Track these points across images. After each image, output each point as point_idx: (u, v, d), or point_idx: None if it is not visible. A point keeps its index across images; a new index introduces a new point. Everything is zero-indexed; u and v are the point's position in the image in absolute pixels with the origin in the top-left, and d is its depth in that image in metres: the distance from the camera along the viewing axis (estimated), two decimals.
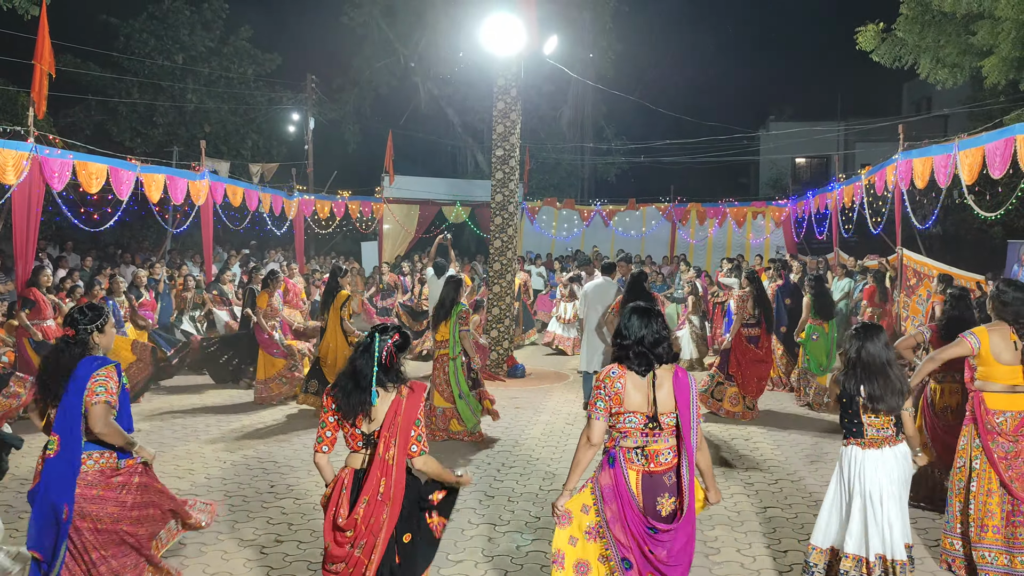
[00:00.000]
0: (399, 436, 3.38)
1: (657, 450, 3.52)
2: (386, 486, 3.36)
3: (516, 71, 11.95)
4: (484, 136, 27.92)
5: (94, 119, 22.70)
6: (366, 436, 3.46)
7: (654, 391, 3.50)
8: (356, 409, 3.41)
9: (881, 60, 15.72)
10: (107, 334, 4.14)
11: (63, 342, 4.06)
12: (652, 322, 3.57)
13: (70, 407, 3.85)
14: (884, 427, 4.17)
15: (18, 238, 9.13)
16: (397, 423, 3.39)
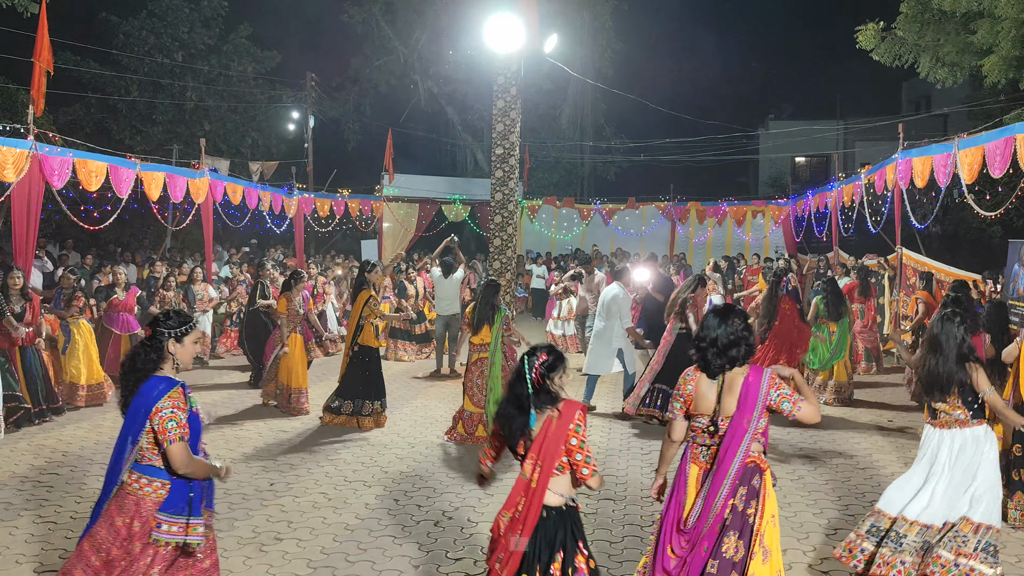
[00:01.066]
0: (543, 459, 3.32)
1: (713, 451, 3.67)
2: (524, 506, 3.33)
3: (516, 69, 11.95)
4: (484, 134, 27.92)
5: (94, 117, 22.69)
6: (523, 458, 3.41)
7: (720, 393, 3.57)
8: (517, 435, 3.39)
9: (881, 59, 15.71)
10: (186, 347, 3.61)
11: (141, 344, 3.61)
12: (729, 322, 3.58)
13: (130, 421, 3.46)
14: (951, 411, 4.47)
15: (18, 236, 9.13)
16: (545, 445, 3.33)
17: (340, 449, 7.63)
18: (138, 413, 3.41)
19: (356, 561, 5.01)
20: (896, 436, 8.16)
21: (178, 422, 3.40)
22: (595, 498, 6.19)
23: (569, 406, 3.36)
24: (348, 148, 29.08)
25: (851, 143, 31.31)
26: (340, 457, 7.35)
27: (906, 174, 11.65)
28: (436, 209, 22.32)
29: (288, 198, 17.33)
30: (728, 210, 22.00)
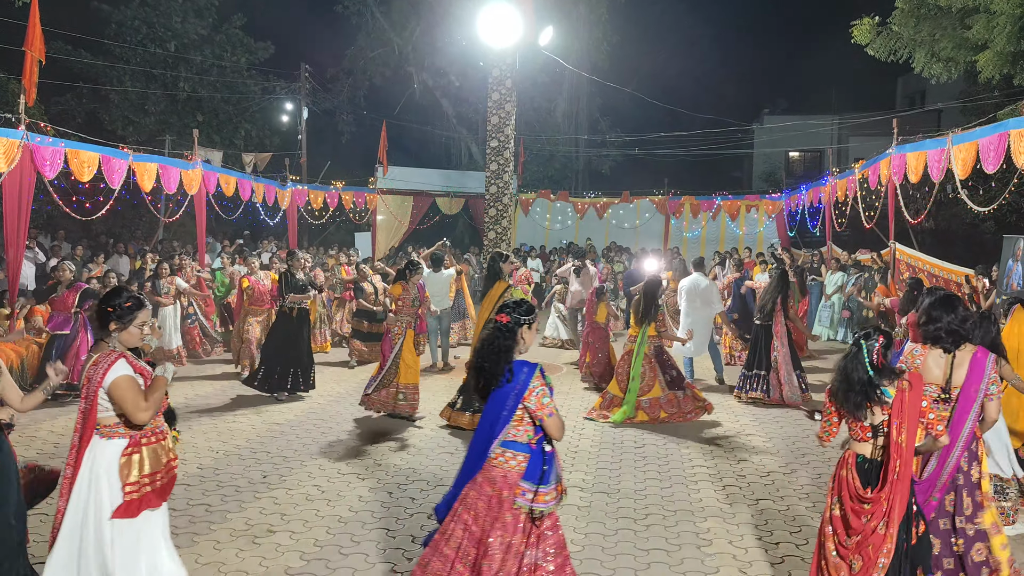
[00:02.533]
0: (907, 423, 3.71)
1: (942, 417, 4.07)
2: (901, 466, 3.69)
3: (511, 62, 11.89)
4: (478, 127, 27.88)
5: (86, 107, 22.57)
6: (874, 427, 3.76)
7: (952, 368, 4.10)
8: (859, 408, 3.73)
9: (876, 54, 15.72)
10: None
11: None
12: (956, 311, 4.16)
13: (499, 405, 3.76)
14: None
15: (9, 226, 9.07)
16: (904, 412, 3.71)
17: (334, 442, 7.62)
18: (508, 396, 3.68)
19: (349, 554, 5.01)
20: None
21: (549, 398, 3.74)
22: (589, 491, 6.19)
23: (917, 378, 3.78)
24: (342, 140, 29.00)
25: (845, 138, 31.36)
26: (334, 450, 7.34)
27: (900, 169, 11.66)
28: (430, 202, 22.29)
29: (281, 190, 17.28)
30: (722, 204, 22.03)
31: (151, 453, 3.72)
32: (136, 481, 3.63)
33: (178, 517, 5.57)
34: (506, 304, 3.87)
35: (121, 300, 3.79)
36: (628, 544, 5.19)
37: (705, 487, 6.31)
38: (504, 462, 3.71)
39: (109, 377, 3.63)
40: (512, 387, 3.67)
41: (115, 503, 3.60)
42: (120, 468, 3.63)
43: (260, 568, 4.80)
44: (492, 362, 3.72)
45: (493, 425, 3.70)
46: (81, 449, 3.67)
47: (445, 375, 11.17)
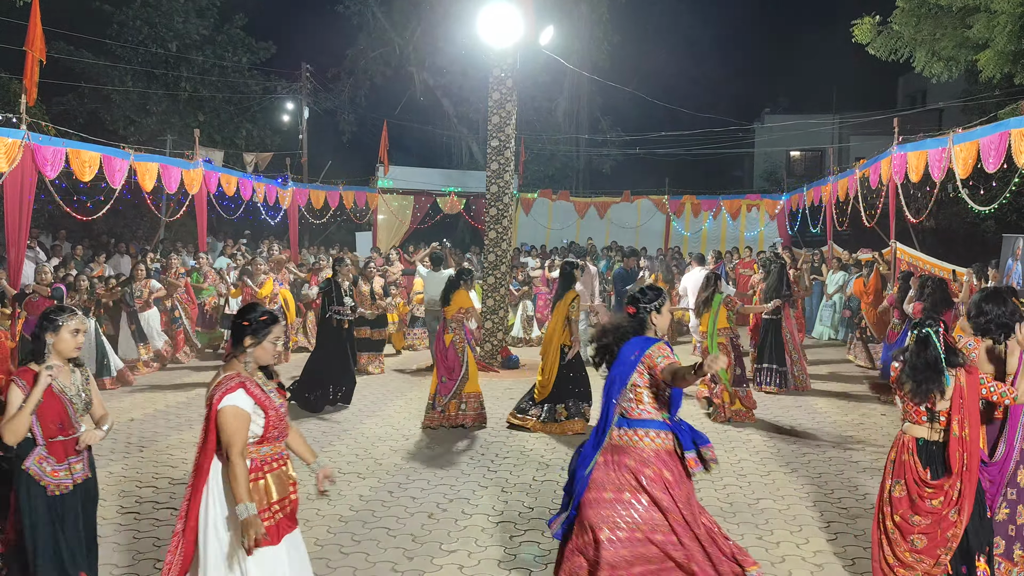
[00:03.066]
0: (969, 417, 3.86)
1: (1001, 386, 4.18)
2: (968, 459, 3.84)
3: (512, 62, 11.91)
4: (479, 126, 27.86)
5: (87, 107, 22.58)
6: (931, 412, 3.97)
7: (1005, 356, 4.20)
8: (928, 393, 3.92)
9: (877, 53, 15.72)
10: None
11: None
12: (1008, 301, 4.29)
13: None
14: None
15: (10, 226, 9.07)
16: (964, 405, 3.85)
17: (334, 441, 7.63)
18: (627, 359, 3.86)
19: (350, 553, 5.02)
20: (890, 430, 8.18)
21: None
22: None
23: (972, 370, 3.94)
24: (343, 140, 29.00)
25: (846, 137, 31.33)
26: (334, 449, 7.35)
27: (901, 169, 11.66)
28: (431, 201, 22.28)
29: (282, 189, 17.29)
30: (723, 204, 22.01)
31: (276, 479, 3.50)
32: (267, 508, 3.42)
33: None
34: (633, 296, 4.05)
35: (257, 314, 3.57)
36: None
37: (705, 486, 6.31)
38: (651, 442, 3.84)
39: (224, 402, 3.39)
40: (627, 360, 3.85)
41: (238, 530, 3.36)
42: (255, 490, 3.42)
43: None
44: (616, 343, 3.95)
45: (608, 398, 3.90)
46: (202, 470, 3.45)
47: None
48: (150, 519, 5.55)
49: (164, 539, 5.19)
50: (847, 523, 5.54)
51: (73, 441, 3.86)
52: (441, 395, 8.07)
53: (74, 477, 3.86)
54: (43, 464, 3.79)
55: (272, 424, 3.49)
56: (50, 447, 3.81)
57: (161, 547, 5.07)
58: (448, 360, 8.11)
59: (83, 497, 3.92)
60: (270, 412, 3.48)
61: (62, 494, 3.81)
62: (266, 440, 3.49)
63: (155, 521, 5.52)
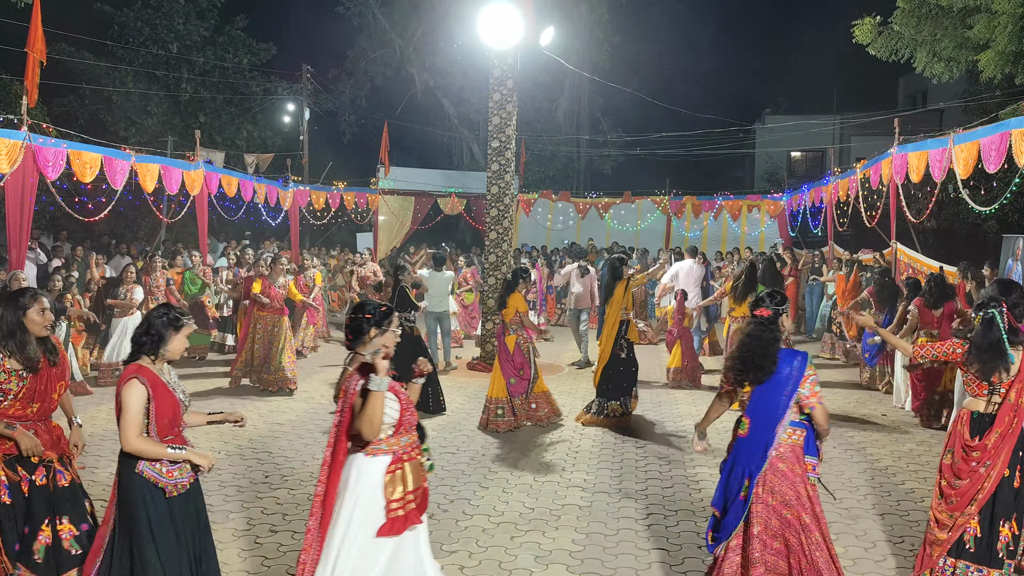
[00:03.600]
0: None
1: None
2: (1017, 423, 4.12)
3: (512, 62, 11.90)
4: (480, 127, 27.89)
5: (88, 108, 22.60)
6: (992, 386, 4.21)
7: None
8: (993, 371, 4.17)
9: (877, 53, 15.71)
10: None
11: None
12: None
13: (780, 387, 3.94)
14: None
15: (11, 227, 9.09)
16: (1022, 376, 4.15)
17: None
18: (788, 380, 3.91)
19: None
20: (889, 431, 8.18)
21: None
22: (590, 492, 6.20)
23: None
24: (344, 141, 29.03)
25: (847, 138, 31.34)
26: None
27: (901, 169, 11.65)
28: (432, 202, 22.28)
29: (283, 190, 17.30)
30: (724, 204, 22.01)
31: (413, 468, 3.58)
32: (400, 498, 3.50)
33: None
34: (760, 298, 4.10)
35: (375, 306, 3.73)
36: (629, 544, 5.20)
37: (706, 487, 6.32)
38: (787, 437, 3.94)
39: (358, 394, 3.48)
40: (787, 375, 3.89)
41: (379, 522, 3.47)
42: (384, 486, 3.49)
43: (262, 568, 4.82)
44: (761, 355, 3.93)
45: (773, 413, 3.90)
46: (336, 465, 3.52)
47: (446, 376, 11.14)
48: None
49: None
50: (848, 524, 5.54)
51: (181, 440, 3.73)
52: (513, 396, 8.09)
53: (186, 478, 3.70)
54: (157, 465, 3.61)
55: (405, 410, 3.59)
56: None
57: None
58: (516, 362, 8.16)
59: (196, 499, 3.80)
60: (402, 397, 3.60)
61: (179, 494, 3.66)
62: (401, 429, 3.58)
63: None
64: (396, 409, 3.55)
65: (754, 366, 3.93)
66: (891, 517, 5.66)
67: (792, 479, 3.88)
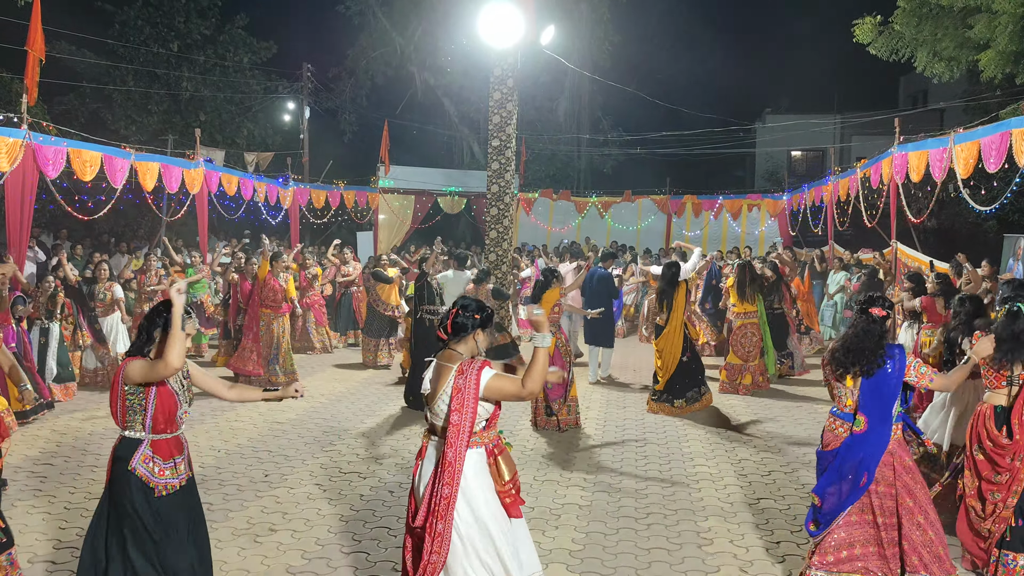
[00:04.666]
0: None
1: None
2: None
3: (513, 61, 11.91)
4: (480, 126, 27.88)
5: (88, 106, 22.60)
6: (1010, 377, 4.46)
7: None
8: (1012, 361, 4.44)
9: (878, 53, 15.71)
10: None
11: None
12: None
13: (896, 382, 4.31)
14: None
15: (11, 225, 9.08)
16: None
17: (335, 440, 7.63)
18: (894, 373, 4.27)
19: (350, 552, 5.02)
20: None
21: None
22: (590, 490, 6.20)
23: None
24: (344, 139, 29.01)
25: (847, 137, 31.31)
26: (335, 448, 7.35)
27: (902, 168, 11.65)
28: (432, 201, 22.28)
29: (283, 189, 17.29)
30: (724, 204, 22.00)
31: (505, 459, 3.64)
32: (504, 484, 3.57)
33: None
34: (874, 298, 4.43)
35: (484, 308, 3.74)
36: (629, 543, 5.20)
37: (706, 486, 6.32)
38: (893, 433, 4.30)
39: (483, 375, 3.49)
40: (892, 368, 4.25)
41: (493, 506, 3.53)
42: (491, 473, 3.58)
43: (262, 567, 4.82)
44: (872, 347, 4.26)
45: (887, 405, 4.26)
46: (457, 463, 3.50)
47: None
48: None
49: None
50: None
51: (176, 439, 3.72)
52: (552, 400, 8.04)
53: (180, 478, 3.71)
54: (150, 464, 3.62)
55: (498, 405, 3.63)
56: (155, 445, 3.65)
57: None
58: (555, 364, 8.00)
59: (189, 498, 3.78)
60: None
61: (170, 494, 3.65)
62: (492, 423, 3.63)
63: None
64: (488, 408, 3.59)
65: (863, 356, 4.25)
66: None
67: (899, 470, 4.27)
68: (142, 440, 3.64)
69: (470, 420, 3.49)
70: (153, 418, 3.63)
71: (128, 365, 3.60)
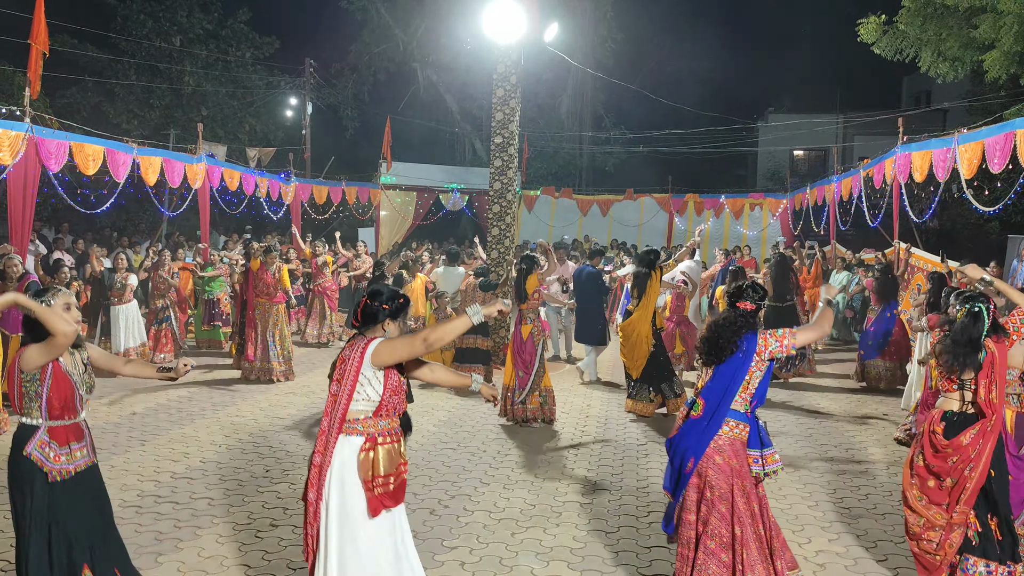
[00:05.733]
0: (997, 380, 4.14)
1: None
2: (996, 420, 4.10)
3: (516, 58, 11.87)
4: (483, 123, 27.85)
5: (91, 100, 22.58)
6: (961, 383, 4.23)
7: None
8: (964, 365, 4.17)
9: (882, 53, 15.68)
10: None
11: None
12: None
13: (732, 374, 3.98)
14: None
15: (14, 219, 9.08)
16: (994, 368, 4.13)
17: None
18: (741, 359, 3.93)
19: None
20: (892, 430, 8.17)
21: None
22: (591, 488, 6.19)
23: (1002, 343, 4.21)
24: (346, 135, 28.99)
25: (850, 137, 31.26)
26: None
27: (905, 168, 11.63)
28: (434, 198, 22.26)
29: (285, 185, 17.28)
30: (726, 203, 21.99)
31: (386, 454, 3.56)
32: (370, 479, 3.50)
33: (181, 510, 5.59)
34: (743, 289, 4.06)
35: (397, 296, 3.69)
36: (630, 541, 5.19)
37: None
38: (728, 430, 3.93)
39: (372, 344, 3.51)
40: (742, 356, 3.91)
41: (355, 501, 3.49)
42: (360, 465, 3.50)
43: (263, 562, 4.81)
44: (728, 340, 3.93)
45: (725, 392, 3.91)
46: (332, 439, 3.53)
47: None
48: (152, 513, 5.55)
49: (166, 533, 5.19)
50: (849, 523, 5.53)
51: (75, 426, 3.75)
52: (520, 389, 8.08)
53: (75, 464, 3.73)
54: (46, 449, 3.65)
55: (393, 392, 3.57)
56: (52, 431, 3.68)
57: (163, 541, 5.08)
58: (525, 353, 8.13)
59: (89, 485, 3.80)
60: (391, 380, 3.57)
61: (64, 480, 3.68)
62: (382, 411, 3.57)
63: (157, 515, 5.51)
64: (378, 391, 3.55)
65: (718, 349, 3.94)
66: (892, 517, 5.65)
67: (728, 473, 3.85)
68: (39, 426, 3.68)
69: (348, 391, 3.51)
70: (49, 404, 3.67)
71: (24, 351, 3.65)
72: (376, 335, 3.64)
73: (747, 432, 3.97)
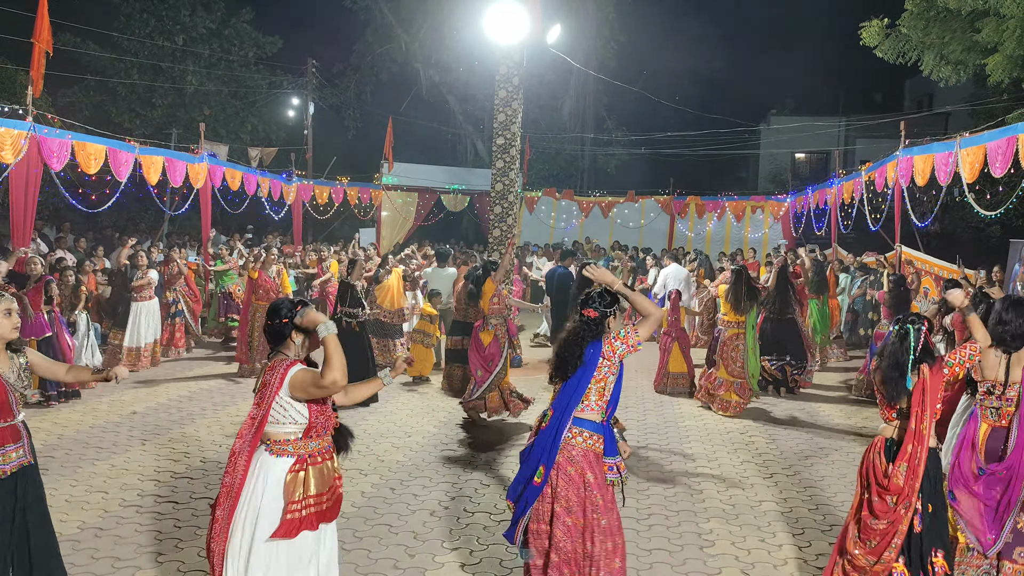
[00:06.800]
0: (928, 410, 3.88)
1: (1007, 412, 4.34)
2: (914, 452, 3.87)
3: (519, 59, 11.87)
4: (485, 124, 27.85)
5: (93, 99, 22.60)
6: (900, 411, 3.98)
7: (1009, 366, 4.33)
8: (899, 394, 3.95)
9: (884, 56, 15.67)
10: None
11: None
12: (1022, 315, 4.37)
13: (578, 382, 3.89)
14: None
15: (15, 218, 9.09)
16: (925, 397, 3.88)
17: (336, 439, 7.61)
18: (584, 369, 3.84)
19: (351, 550, 5.01)
20: None
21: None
22: None
23: (936, 368, 3.93)
24: (348, 135, 29.00)
25: (852, 140, 31.24)
26: None
27: (907, 172, 11.63)
28: (435, 198, 22.28)
29: (287, 185, 17.30)
30: (727, 205, 21.99)
31: (317, 473, 3.51)
32: (300, 500, 3.44)
33: (181, 510, 5.59)
34: (591, 297, 3.94)
35: (294, 306, 3.57)
36: (631, 544, 5.17)
37: (707, 488, 6.30)
38: (582, 441, 3.84)
39: (292, 369, 3.44)
40: (585, 366, 3.83)
41: (275, 523, 3.41)
42: (285, 486, 3.42)
43: None
44: (577, 356, 3.85)
45: (569, 397, 3.85)
46: (247, 459, 3.47)
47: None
48: (152, 513, 5.55)
49: (166, 532, 5.19)
50: None
51: (10, 428, 3.76)
52: (477, 387, 8.09)
53: (10, 464, 3.74)
54: None
55: (319, 412, 3.51)
56: None
57: (163, 541, 5.08)
58: (486, 353, 8.09)
59: (22, 487, 3.79)
60: (314, 405, 3.51)
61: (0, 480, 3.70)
62: (312, 432, 3.52)
63: (157, 515, 5.51)
64: (304, 414, 3.47)
65: (565, 365, 3.87)
66: None
67: (579, 483, 3.80)
68: None
69: (265, 415, 3.44)
70: None
71: None
72: (290, 351, 3.57)
73: (602, 443, 3.87)
